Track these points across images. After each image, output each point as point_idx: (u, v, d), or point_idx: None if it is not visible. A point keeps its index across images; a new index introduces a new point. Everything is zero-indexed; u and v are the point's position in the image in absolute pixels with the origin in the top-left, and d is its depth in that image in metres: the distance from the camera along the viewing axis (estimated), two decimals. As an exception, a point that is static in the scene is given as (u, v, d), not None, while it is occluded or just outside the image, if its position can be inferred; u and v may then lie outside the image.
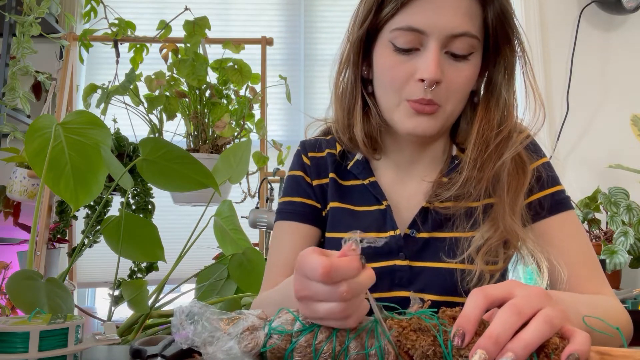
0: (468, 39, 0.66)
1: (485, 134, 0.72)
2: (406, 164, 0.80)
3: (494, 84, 0.74)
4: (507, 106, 0.73)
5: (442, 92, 0.68)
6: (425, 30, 0.65)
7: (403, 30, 0.66)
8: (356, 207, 0.79)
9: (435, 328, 0.43)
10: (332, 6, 2.52)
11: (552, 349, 0.40)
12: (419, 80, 0.67)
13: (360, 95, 0.77)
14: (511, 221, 0.70)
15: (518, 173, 0.73)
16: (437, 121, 0.70)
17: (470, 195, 0.73)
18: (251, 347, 0.45)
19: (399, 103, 0.70)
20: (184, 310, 0.46)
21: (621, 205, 1.87)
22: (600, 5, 2.34)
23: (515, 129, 0.73)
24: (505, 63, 0.73)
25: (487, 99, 0.74)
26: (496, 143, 0.72)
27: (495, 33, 0.70)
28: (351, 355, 0.44)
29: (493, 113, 0.73)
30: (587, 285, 0.70)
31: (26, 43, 1.88)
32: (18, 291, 0.87)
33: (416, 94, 0.67)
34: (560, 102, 2.34)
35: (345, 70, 0.78)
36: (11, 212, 2.01)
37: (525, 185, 0.72)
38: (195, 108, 1.72)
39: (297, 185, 0.83)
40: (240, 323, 0.46)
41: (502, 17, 0.68)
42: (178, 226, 1.88)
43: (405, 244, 0.74)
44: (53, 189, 1.01)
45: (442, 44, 0.66)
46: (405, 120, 0.70)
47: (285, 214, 0.83)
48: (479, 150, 0.72)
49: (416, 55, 0.67)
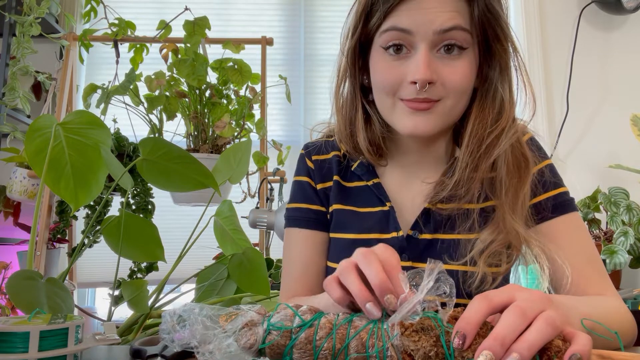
0: (459, 33, 0.66)
1: (478, 132, 0.72)
2: (410, 166, 0.80)
3: (489, 82, 0.73)
4: (503, 103, 0.72)
5: (438, 90, 0.67)
6: (411, 29, 0.65)
7: (389, 31, 0.67)
8: (360, 208, 0.80)
9: (438, 328, 0.43)
10: (332, 6, 2.52)
11: (555, 351, 0.40)
12: (411, 82, 0.67)
13: (361, 104, 0.77)
14: (512, 221, 0.69)
15: (519, 171, 0.72)
16: (436, 118, 0.69)
17: (465, 196, 0.72)
18: (250, 344, 0.44)
19: (395, 104, 0.70)
20: (174, 313, 0.46)
21: (621, 205, 1.87)
22: (600, 5, 2.33)
23: (511, 127, 0.72)
24: (498, 60, 0.72)
25: (482, 97, 0.73)
26: (488, 142, 0.71)
27: (484, 30, 0.69)
28: (351, 355, 0.43)
29: (487, 111, 0.72)
30: (591, 286, 0.70)
31: (26, 43, 1.88)
32: (18, 291, 0.86)
33: (410, 94, 0.68)
34: (560, 102, 2.34)
35: (343, 82, 0.78)
36: (11, 212, 2.01)
37: (526, 184, 0.71)
38: (195, 108, 1.72)
39: (303, 191, 0.85)
40: (238, 319, 0.46)
41: (489, 13, 0.68)
42: (178, 226, 1.88)
43: (408, 245, 0.74)
44: (53, 189, 1.01)
45: (432, 43, 0.66)
46: (403, 120, 0.70)
47: (294, 220, 0.85)
48: (471, 149, 0.71)
49: (407, 58, 0.68)
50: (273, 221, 1.60)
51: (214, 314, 0.46)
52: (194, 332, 0.44)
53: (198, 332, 0.44)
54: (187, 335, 0.45)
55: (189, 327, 0.45)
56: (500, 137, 0.71)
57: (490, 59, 0.72)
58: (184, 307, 0.46)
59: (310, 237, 0.83)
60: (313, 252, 0.82)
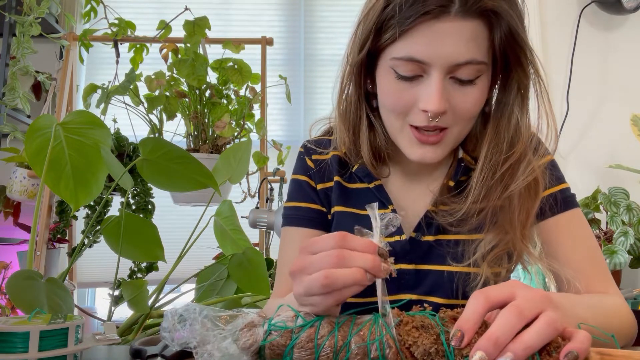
0: (474, 66, 0.62)
1: (493, 158, 0.69)
2: (412, 170, 0.79)
3: (504, 104, 0.70)
4: (518, 128, 0.69)
5: (448, 118, 0.65)
6: (427, 61, 0.62)
7: (404, 60, 0.63)
8: (361, 210, 0.78)
9: (438, 327, 0.43)
10: (332, 6, 2.52)
11: (554, 347, 0.40)
12: (422, 110, 0.64)
13: (365, 114, 0.75)
14: (522, 245, 0.69)
15: (530, 196, 0.70)
16: (444, 147, 0.68)
17: (474, 218, 0.70)
18: (250, 344, 0.44)
19: (402, 128, 0.68)
20: (175, 312, 0.46)
21: (621, 205, 1.87)
22: (600, 5, 2.33)
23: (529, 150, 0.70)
24: (517, 84, 0.69)
25: (497, 120, 0.70)
26: (503, 170, 0.68)
27: (504, 54, 0.66)
28: (352, 349, 0.43)
29: (503, 135, 0.69)
30: (593, 283, 0.70)
31: (26, 43, 1.88)
32: (18, 291, 0.86)
33: (420, 122, 0.65)
34: (560, 102, 2.34)
35: (347, 89, 0.76)
36: (11, 212, 2.01)
37: (535, 208, 0.70)
38: (195, 108, 1.72)
39: (302, 189, 0.83)
40: (238, 320, 0.46)
41: (511, 37, 0.64)
42: (178, 226, 1.88)
43: (411, 248, 0.74)
44: (53, 189, 1.01)
45: (446, 71, 0.63)
46: (411, 148, 0.68)
47: (291, 219, 0.82)
48: (485, 176, 0.69)
49: (419, 83, 0.64)
50: (273, 221, 1.60)
51: (215, 315, 0.46)
52: (193, 332, 0.44)
53: (198, 332, 0.44)
54: (186, 335, 0.45)
55: (188, 327, 0.45)
56: (517, 167, 0.68)
57: (509, 82, 0.70)
58: (185, 307, 0.46)
59: (307, 236, 0.79)
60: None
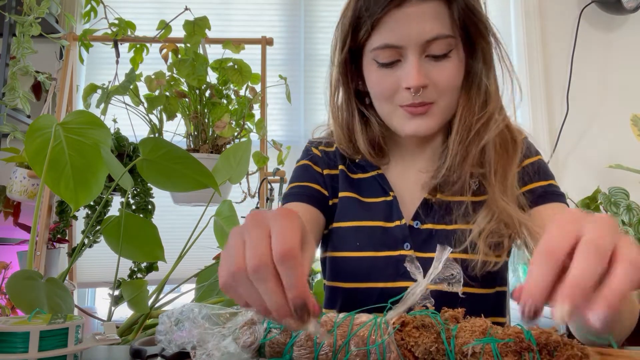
0: (442, 40, 0.70)
1: (467, 120, 0.76)
2: (409, 159, 0.84)
3: (473, 74, 0.77)
4: (488, 93, 0.76)
5: (431, 92, 0.72)
6: (401, 44, 0.70)
7: (381, 49, 0.71)
8: (365, 198, 0.82)
9: (438, 325, 0.43)
10: (332, 6, 2.52)
11: (554, 346, 0.40)
12: (406, 88, 0.71)
13: (357, 110, 0.81)
14: (503, 202, 0.72)
15: (507, 152, 0.76)
16: (434, 119, 0.74)
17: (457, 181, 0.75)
18: (250, 342, 0.44)
19: (394, 109, 0.75)
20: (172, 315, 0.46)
21: (621, 205, 1.87)
22: (600, 5, 2.33)
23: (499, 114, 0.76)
24: (482, 53, 0.76)
25: (468, 88, 0.77)
26: (477, 128, 0.75)
27: (465, 27, 0.73)
28: (352, 351, 0.43)
29: (474, 100, 0.76)
30: None
31: (26, 43, 1.88)
32: (18, 291, 0.86)
33: (407, 100, 0.72)
34: (560, 102, 2.34)
35: (337, 91, 0.82)
36: (11, 212, 2.01)
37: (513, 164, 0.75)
38: (195, 108, 1.72)
39: (306, 171, 0.86)
40: (238, 318, 0.46)
41: (468, 11, 0.72)
42: (178, 226, 1.88)
43: (410, 234, 0.76)
44: (53, 189, 1.01)
45: (420, 50, 0.70)
46: (404, 124, 0.75)
47: (293, 196, 0.82)
48: (460, 137, 0.75)
49: (399, 67, 0.72)
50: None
51: (214, 313, 0.46)
52: (192, 332, 0.44)
53: (197, 332, 0.44)
54: (185, 335, 0.45)
55: (187, 327, 0.45)
56: (488, 123, 0.75)
57: (474, 53, 0.77)
58: (182, 309, 0.46)
59: (309, 211, 0.79)
60: (310, 226, 0.77)
